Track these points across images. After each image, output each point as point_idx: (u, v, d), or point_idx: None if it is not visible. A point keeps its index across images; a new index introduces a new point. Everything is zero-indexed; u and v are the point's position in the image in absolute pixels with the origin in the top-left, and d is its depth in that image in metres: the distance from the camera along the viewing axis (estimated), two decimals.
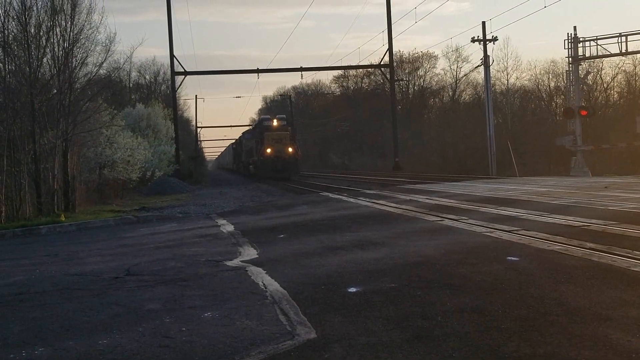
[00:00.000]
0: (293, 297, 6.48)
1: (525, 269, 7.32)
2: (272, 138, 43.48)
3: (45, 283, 8.32)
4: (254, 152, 49.15)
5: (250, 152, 52.49)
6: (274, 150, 43.04)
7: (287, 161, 43.09)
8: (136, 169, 30.09)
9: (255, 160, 47.82)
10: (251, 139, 51.82)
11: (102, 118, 25.34)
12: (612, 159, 39.00)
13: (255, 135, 49.11)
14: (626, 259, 7.51)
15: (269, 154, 43.07)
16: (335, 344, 4.93)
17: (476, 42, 39.60)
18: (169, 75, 44.45)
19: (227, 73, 46.38)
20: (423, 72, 70.50)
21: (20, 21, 19.86)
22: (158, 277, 8.15)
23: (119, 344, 5.29)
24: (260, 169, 44.41)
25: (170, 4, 41.01)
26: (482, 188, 21.57)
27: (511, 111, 54.43)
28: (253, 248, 10.26)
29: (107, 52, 22.71)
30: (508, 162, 37.73)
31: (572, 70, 35.26)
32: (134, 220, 17.11)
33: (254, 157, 49.01)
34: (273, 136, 43.62)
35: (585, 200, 14.82)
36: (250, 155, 52.57)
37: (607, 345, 4.59)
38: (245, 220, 15.46)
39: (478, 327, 5.17)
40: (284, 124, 45.40)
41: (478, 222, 11.77)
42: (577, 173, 32.03)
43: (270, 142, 43.29)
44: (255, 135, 49.11)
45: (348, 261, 8.40)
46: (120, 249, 11.41)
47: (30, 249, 12.80)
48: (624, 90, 50.94)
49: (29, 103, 19.38)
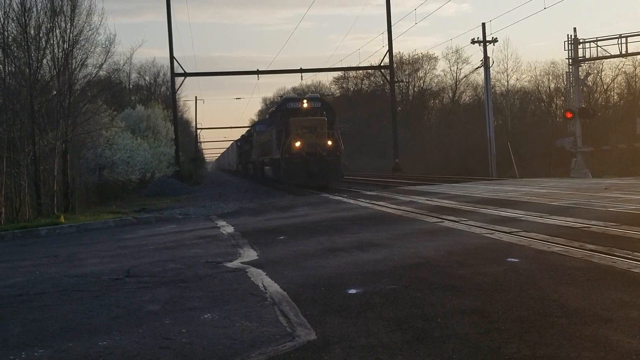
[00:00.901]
0: (293, 299, 6.48)
1: (526, 270, 7.31)
2: (301, 126, 29.88)
3: (45, 284, 8.31)
4: (272, 147, 33.95)
5: (266, 149, 37.46)
6: (306, 143, 29.50)
7: (325, 160, 29.46)
8: (136, 170, 30.15)
9: (274, 159, 33.14)
10: (268, 130, 36.43)
11: (101, 119, 25.41)
12: (612, 161, 38.99)
13: (274, 123, 33.32)
14: (626, 261, 7.50)
15: (298, 150, 29.50)
16: (335, 346, 4.92)
17: (476, 44, 39.68)
18: (168, 76, 44.46)
19: (227, 74, 46.18)
20: (423, 74, 70.61)
21: (20, 23, 19.89)
22: (158, 279, 8.14)
23: (118, 346, 5.29)
24: (286, 172, 30.02)
25: (170, 5, 41.04)
26: (482, 189, 21.56)
27: (511, 112, 54.48)
28: (253, 249, 10.25)
29: (107, 53, 22.81)
30: (508, 163, 37.76)
31: (572, 72, 35.29)
32: (133, 222, 17.10)
33: (272, 154, 33.95)
34: (303, 123, 30.02)
35: (586, 201, 14.81)
36: (265, 152, 37.56)
37: (608, 347, 4.58)
38: (245, 221, 15.45)
39: (478, 328, 5.16)
40: (317, 106, 32.23)
41: (478, 223, 11.77)
42: (577, 174, 32.03)
43: (299, 132, 29.72)
44: (274, 123, 33.32)
45: (348, 262, 8.39)
46: (120, 251, 11.41)
47: (29, 250, 12.78)
48: (624, 92, 50.98)
49: (28, 104, 19.39)
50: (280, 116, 32.18)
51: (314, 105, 32.13)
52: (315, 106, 32.13)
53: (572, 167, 34.12)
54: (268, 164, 36.22)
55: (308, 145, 29.43)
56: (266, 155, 37.01)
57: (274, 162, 33.48)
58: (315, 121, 30.36)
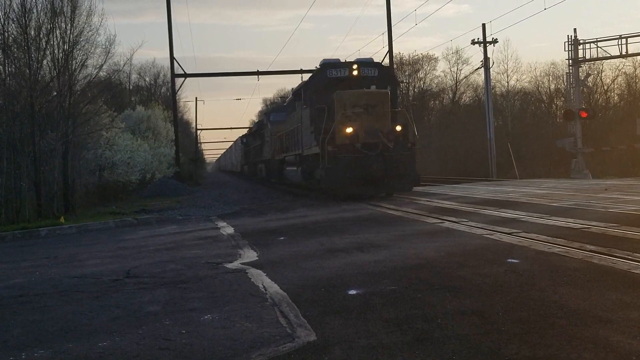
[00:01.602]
0: (293, 300, 6.48)
1: (526, 271, 7.31)
2: (353, 103, 19.76)
3: (45, 285, 8.31)
4: (300, 139, 23.34)
5: (288, 142, 27.01)
6: (362, 130, 19.41)
7: (392, 155, 19.16)
8: (136, 171, 30.12)
9: (306, 156, 22.47)
10: (293, 115, 25.50)
11: (102, 120, 25.42)
12: (612, 161, 39.01)
13: (308, 101, 21.94)
14: (627, 262, 7.50)
15: (350, 139, 19.29)
16: (335, 346, 4.92)
17: (476, 44, 39.67)
18: (169, 77, 44.41)
19: (227, 75, 46.03)
20: (423, 74, 70.47)
21: (20, 23, 19.91)
22: (158, 280, 8.14)
23: (118, 347, 5.29)
24: (329, 175, 19.27)
25: (170, 6, 40.98)
26: (482, 190, 21.56)
27: (511, 113, 54.51)
28: (253, 250, 10.25)
29: (107, 54, 22.85)
30: (508, 164, 37.80)
31: (572, 73, 35.30)
32: (133, 223, 17.10)
33: (301, 148, 23.22)
34: (356, 99, 19.81)
35: (586, 202, 14.81)
36: (287, 147, 27.32)
37: (608, 348, 4.58)
38: (245, 222, 15.45)
39: (478, 329, 5.16)
40: (374, 75, 21.28)
41: (478, 224, 11.77)
42: (577, 175, 32.04)
43: (350, 114, 19.63)
44: (308, 101, 21.94)
45: (348, 263, 8.39)
46: (120, 251, 11.41)
47: (30, 251, 12.79)
48: (624, 93, 51.00)
49: (28, 105, 19.40)
50: (318, 90, 21.02)
51: (369, 73, 21.18)
52: (371, 74, 21.21)
53: (572, 168, 34.12)
54: (293, 162, 26.04)
55: (366, 133, 19.30)
56: (289, 152, 26.76)
57: (305, 160, 22.89)
58: (374, 96, 20.01)
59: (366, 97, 19.93)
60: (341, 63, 22.27)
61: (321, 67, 22.29)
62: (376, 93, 20.31)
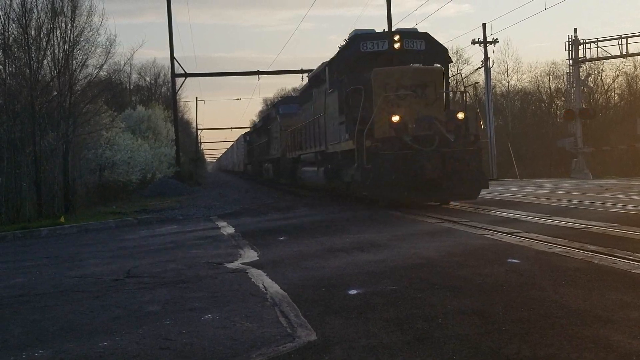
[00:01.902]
0: (293, 299, 6.47)
1: (526, 271, 7.30)
2: (398, 83, 15.69)
3: (46, 285, 8.31)
4: (322, 132, 19.29)
5: (304, 137, 22.74)
6: (410, 116, 15.44)
7: (453, 152, 14.94)
8: (136, 170, 30.13)
9: (332, 154, 18.59)
10: (314, 103, 20.98)
11: (102, 120, 25.43)
12: (613, 161, 39.03)
13: (334, 84, 17.60)
14: (627, 261, 7.50)
15: (396, 129, 15.17)
16: (335, 346, 4.92)
17: (477, 44, 39.63)
18: (169, 77, 44.40)
19: (228, 75, 46.05)
20: None
21: (20, 23, 19.93)
22: (158, 279, 8.14)
23: (119, 346, 5.29)
24: (369, 176, 15.07)
25: (170, 6, 40.99)
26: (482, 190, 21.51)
27: (512, 113, 54.51)
28: (253, 250, 10.24)
29: (108, 54, 22.86)
30: (509, 163, 37.79)
31: (572, 72, 35.33)
32: (134, 223, 17.10)
33: (324, 145, 19.13)
34: (402, 75, 15.80)
35: (586, 202, 14.81)
36: (304, 143, 22.93)
37: (608, 348, 4.58)
38: (245, 222, 15.44)
39: (479, 329, 5.16)
40: (420, 48, 16.78)
41: (479, 224, 11.77)
42: (577, 175, 32.06)
43: (393, 98, 15.65)
44: (334, 84, 17.60)
45: (348, 263, 8.39)
46: (120, 251, 11.41)
47: (30, 251, 12.79)
48: (624, 92, 51.04)
49: (29, 105, 19.41)
50: (349, 68, 16.67)
51: (414, 47, 16.74)
52: (416, 47, 16.78)
53: (573, 168, 34.14)
54: (311, 161, 22.06)
55: (417, 122, 15.39)
56: (305, 149, 22.41)
57: (329, 159, 18.95)
58: (425, 73, 16.08)
59: (414, 76, 15.73)
60: (377, 34, 17.17)
61: (351, 39, 17.26)
62: (428, 70, 16.18)
